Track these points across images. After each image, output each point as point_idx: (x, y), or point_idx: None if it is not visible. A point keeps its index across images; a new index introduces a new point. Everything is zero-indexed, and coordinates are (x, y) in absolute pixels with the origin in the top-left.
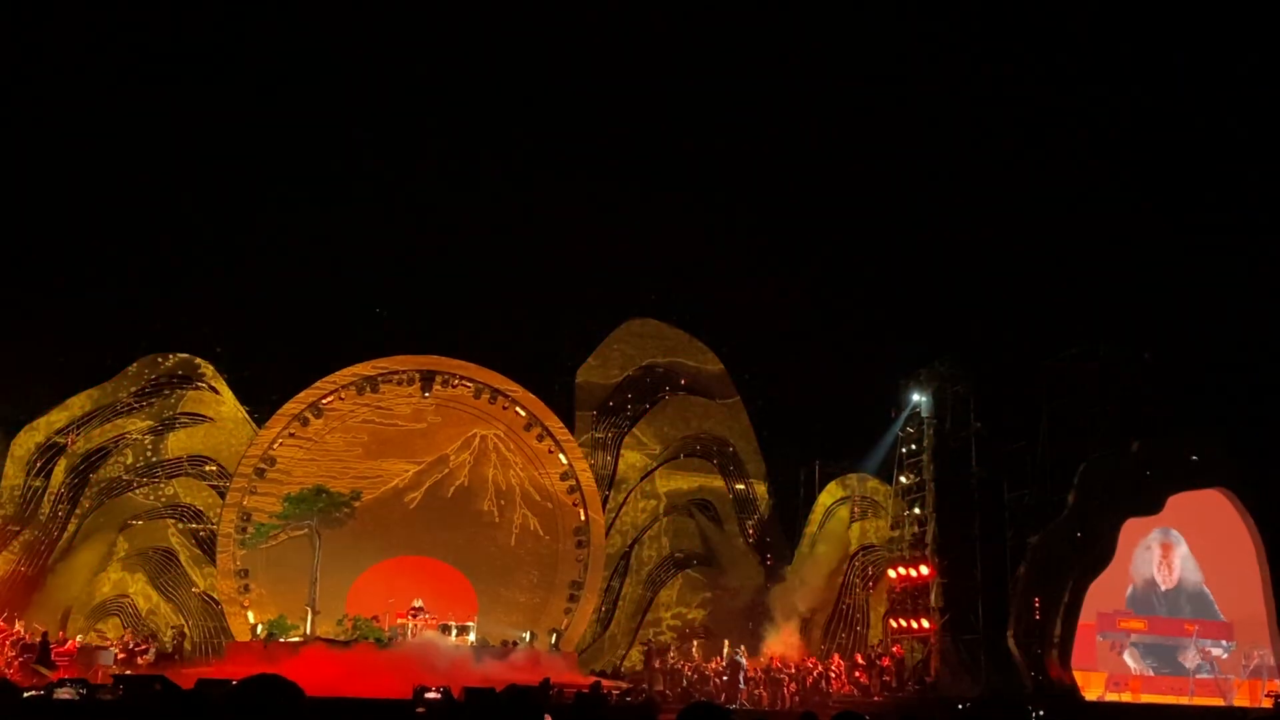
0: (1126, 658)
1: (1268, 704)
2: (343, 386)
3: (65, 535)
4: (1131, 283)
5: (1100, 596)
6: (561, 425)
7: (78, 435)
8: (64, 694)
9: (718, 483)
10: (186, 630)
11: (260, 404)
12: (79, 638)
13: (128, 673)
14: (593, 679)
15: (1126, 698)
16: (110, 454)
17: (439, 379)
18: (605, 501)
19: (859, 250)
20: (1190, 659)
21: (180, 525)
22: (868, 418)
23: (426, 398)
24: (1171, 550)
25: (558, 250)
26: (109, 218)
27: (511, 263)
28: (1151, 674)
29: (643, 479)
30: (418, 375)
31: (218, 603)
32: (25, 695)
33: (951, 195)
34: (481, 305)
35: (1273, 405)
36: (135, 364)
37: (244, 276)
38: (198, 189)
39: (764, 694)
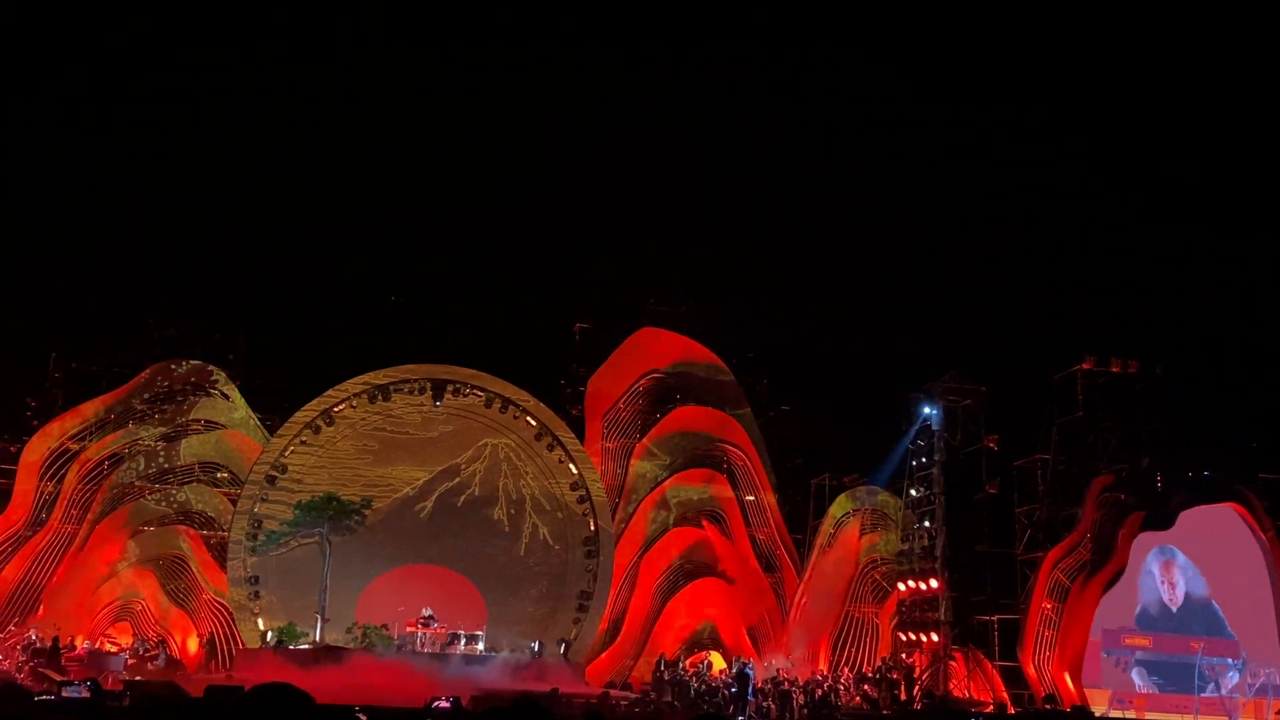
0: (1134, 675)
1: None
2: (354, 394)
3: (77, 540)
4: (1143, 297)
5: (1106, 614)
6: (572, 435)
7: (90, 441)
8: (71, 692)
9: (728, 493)
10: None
11: (272, 411)
12: (89, 643)
13: (137, 679)
14: (601, 689)
15: (1131, 715)
16: (123, 460)
17: (450, 388)
18: (615, 512)
19: (871, 263)
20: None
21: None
22: (878, 430)
23: (438, 407)
24: (1172, 565)
25: (571, 260)
26: (122, 223)
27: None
28: (1156, 691)
29: (653, 489)
30: (429, 384)
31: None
32: (37, 699)
33: (963, 209)
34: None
35: None
36: (148, 370)
37: (258, 284)
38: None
39: (772, 706)
